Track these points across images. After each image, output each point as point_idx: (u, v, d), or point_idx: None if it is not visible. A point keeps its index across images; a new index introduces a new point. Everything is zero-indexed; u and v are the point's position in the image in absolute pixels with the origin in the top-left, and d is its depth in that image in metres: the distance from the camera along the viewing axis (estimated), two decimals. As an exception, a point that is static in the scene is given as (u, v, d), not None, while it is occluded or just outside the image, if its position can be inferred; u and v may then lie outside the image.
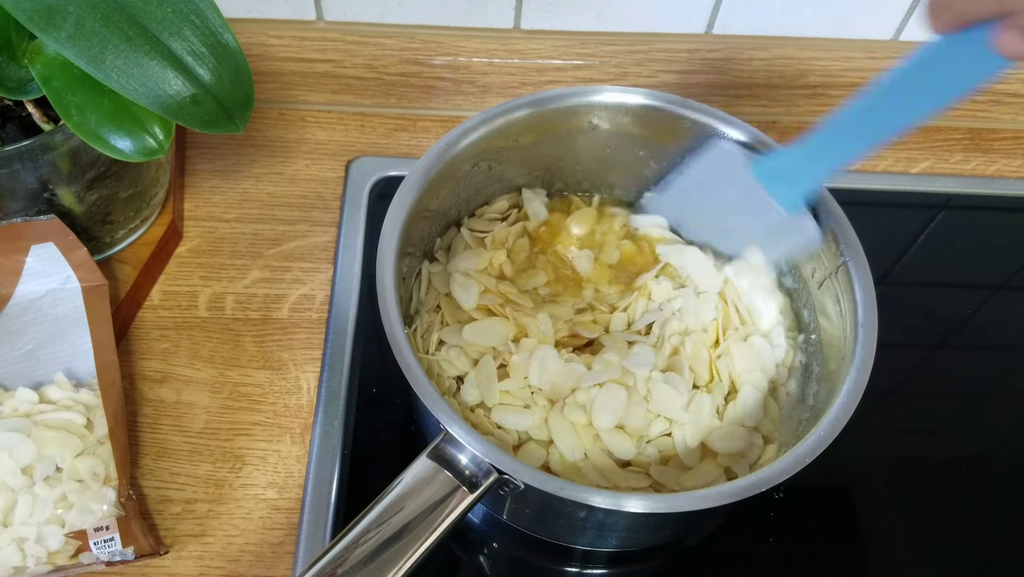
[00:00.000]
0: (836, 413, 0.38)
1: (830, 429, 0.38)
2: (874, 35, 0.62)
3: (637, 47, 0.62)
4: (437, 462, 0.37)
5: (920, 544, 0.48)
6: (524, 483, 0.36)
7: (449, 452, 0.38)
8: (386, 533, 0.36)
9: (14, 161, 0.44)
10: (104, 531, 0.43)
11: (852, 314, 0.42)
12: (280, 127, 0.63)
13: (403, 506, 0.36)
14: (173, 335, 0.53)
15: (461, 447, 0.37)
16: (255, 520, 0.47)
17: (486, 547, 0.48)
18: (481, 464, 0.37)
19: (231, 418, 0.50)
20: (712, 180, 0.47)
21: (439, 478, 0.37)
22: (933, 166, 0.65)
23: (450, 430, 0.37)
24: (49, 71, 0.41)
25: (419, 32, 0.61)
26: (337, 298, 0.54)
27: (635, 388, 0.44)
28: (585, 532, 0.45)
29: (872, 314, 0.41)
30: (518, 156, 0.50)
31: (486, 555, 0.47)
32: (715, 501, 0.36)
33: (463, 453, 0.37)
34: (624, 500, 0.36)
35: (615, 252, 0.51)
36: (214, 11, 0.40)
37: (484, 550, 0.47)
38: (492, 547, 0.48)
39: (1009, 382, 0.55)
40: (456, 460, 0.37)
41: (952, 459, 0.51)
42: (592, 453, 0.43)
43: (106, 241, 0.52)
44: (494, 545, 0.48)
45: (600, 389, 0.44)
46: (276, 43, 0.61)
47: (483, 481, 0.37)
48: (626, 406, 0.43)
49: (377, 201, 0.59)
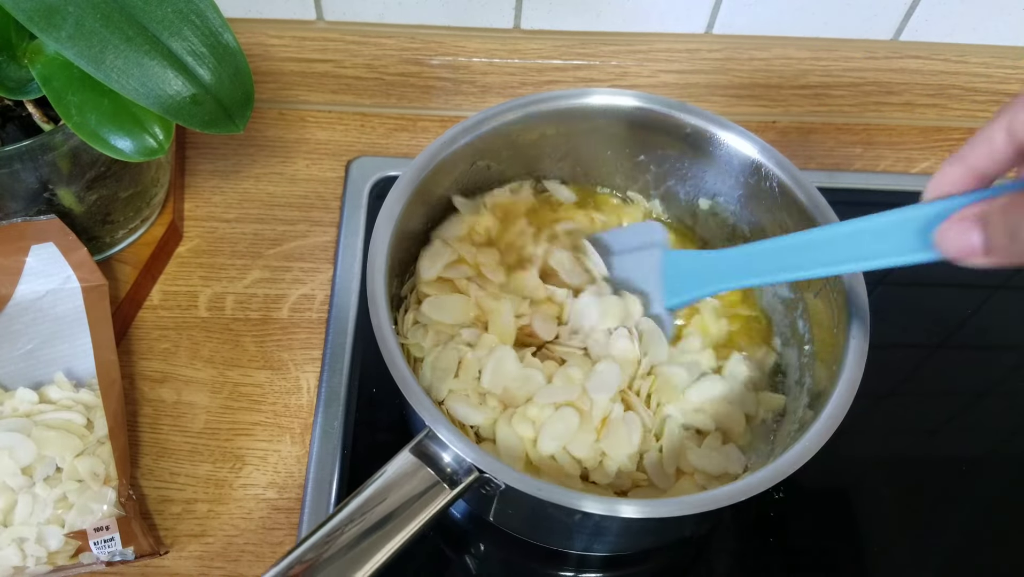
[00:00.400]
0: (821, 425, 0.38)
1: (816, 439, 0.37)
2: (874, 35, 0.62)
3: (637, 47, 0.62)
4: (420, 458, 0.38)
5: (920, 544, 0.48)
6: (505, 483, 0.36)
7: (432, 449, 0.38)
8: (366, 524, 0.36)
9: (14, 161, 0.44)
10: (104, 531, 0.43)
11: (844, 324, 0.41)
12: (280, 127, 0.63)
13: (383, 499, 0.37)
14: (173, 335, 0.53)
15: (444, 445, 0.37)
16: (255, 520, 0.47)
17: (476, 552, 0.48)
18: (462, 462, 0.37)
19: (231, 418, 0.50)
20: (638, 247, 0.49)
21: (420, 474, 0.37)
22: (933, 166, 0.65)
23: (433, 428, 0.37)
24: (49, 71, 0.41)
25: (419, 32, 0.61)
26: (337, 298, 0.54)
27: (589, 415, 0.43)
28: (574, 536, 0.44)
29: (864, 324, 0.41)
30: (517, 155, 0.50)
31: (476, 560, 0.47)
32: (706, 506, 0.36)
33: (445, 451, 0.38)
34: (609, 504, 0.36)
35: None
36: (214, 11, 0.40)
37: (474, 554, 0.47)
38: (482, 552, 0.48)
39: (1009, 382, 0.55)
40: (438, 457, 0.38)
41: (952, 459, 0.51)
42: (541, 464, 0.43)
43: (106, 241, 0.52)
44: (484, 549, 0.48)
45: (554, 412, 0.43)
46: (276, 43, 0.61)
47: (463, 479, 0.37)
48: (575, 433, 0.43)
49: (377, 201, 0.59)
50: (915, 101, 0.65)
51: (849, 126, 0.66)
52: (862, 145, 0.65)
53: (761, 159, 0.46)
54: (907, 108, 0.66)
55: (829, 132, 0.66)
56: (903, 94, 0.65)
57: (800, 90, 0.64)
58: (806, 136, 0.65)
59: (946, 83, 0.64)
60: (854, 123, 0.66)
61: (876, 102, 0.65)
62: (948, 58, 0.63)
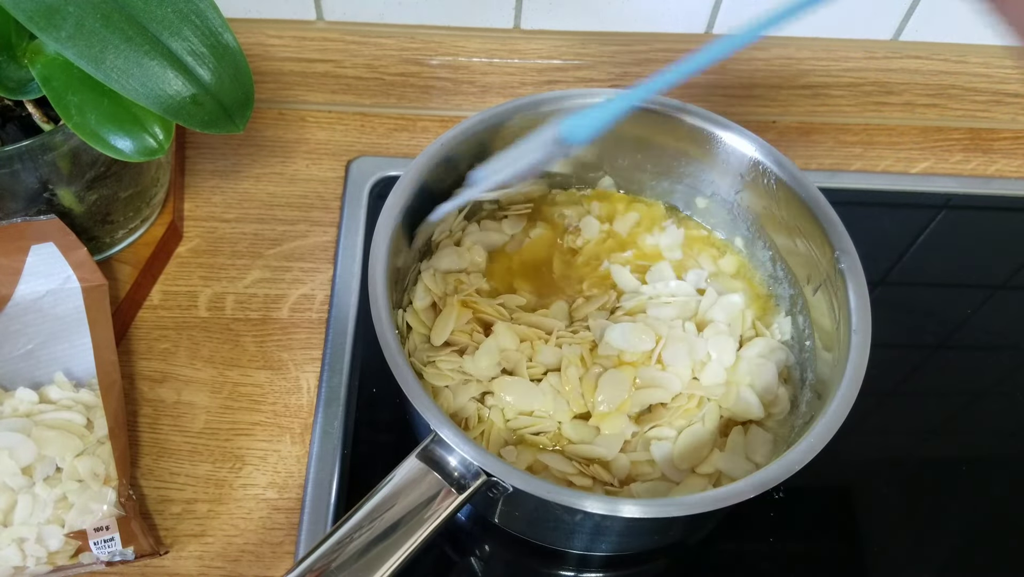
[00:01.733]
0: (827, 421, 0.38)
1: (820, 437, 0.37)
2: (874, 35, 0.62)
3: (637, 47, 0.62)
4: (426, 463, 0.38)
5: (920, 544, 0.48)
6: (513, 486, 0.36)
7: (438, 453, 0.38)
8: (374, 532, 0.36)
9: (14, 161, 0.44)
10: (104, 531, 0.43)
11: (846, 320, 0.41)
12: (280, 127, 0.63)
13: (391, 506, 0.37)
14: (173, 335, 0.53)
15: (450, 449, 0.37)
16: (255, 520, 0.47)
17: (480, 552, 0.48)
18: (470, 466, 0.37)
19: (231, 418, 0.50)
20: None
21: (428, 479, 0.37)
22: (933, 166, 0.65)
23: (440, 433, 0.37)
24: (49, 71, 0.41)
25: (419, 32, 0.61)
26: (337, 298, 0.54)
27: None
28: (577, 536, 0.44)
29: (866, 320, 0.41)
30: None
31: (480, 560, 0.47)
32: (708, 506, 0.36)
33: (452, 455, 0.38)
34: (614, 505, 0.36)
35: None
36: (214, 11, 0.41)
37: (478, 554, 0.47)
38: (486, 552, 0.47)
39: (1009, 382, 0.55)
40: (445, 461, 0.38)
41: (952, 459, 0.51)
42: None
43: (106, 241, 0.52)
44: (488, 550, 0.48)
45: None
46: (276, 43, 0.61)
47: (471, 483, 0.37)
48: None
49: (377, 201, 0.59)
50: (915, 101, 0.65)
51: (849, 126, 0.66)
52: (862, 145, 0.65)
53: (760, 157, 0.47)
54: (907, 108, 0.66)
55: (829, 132, 0.66)
56: (903, 94, 0.65)
57: (800, 90, 0.64)
58: (806, 136, 0.65)
59: (946, 83, 0.64)
60: (854, 123, 0.66)
61: (876, 102, 0.65)
62: (948, 58, 0.63)
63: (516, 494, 0.37)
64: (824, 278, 0.44)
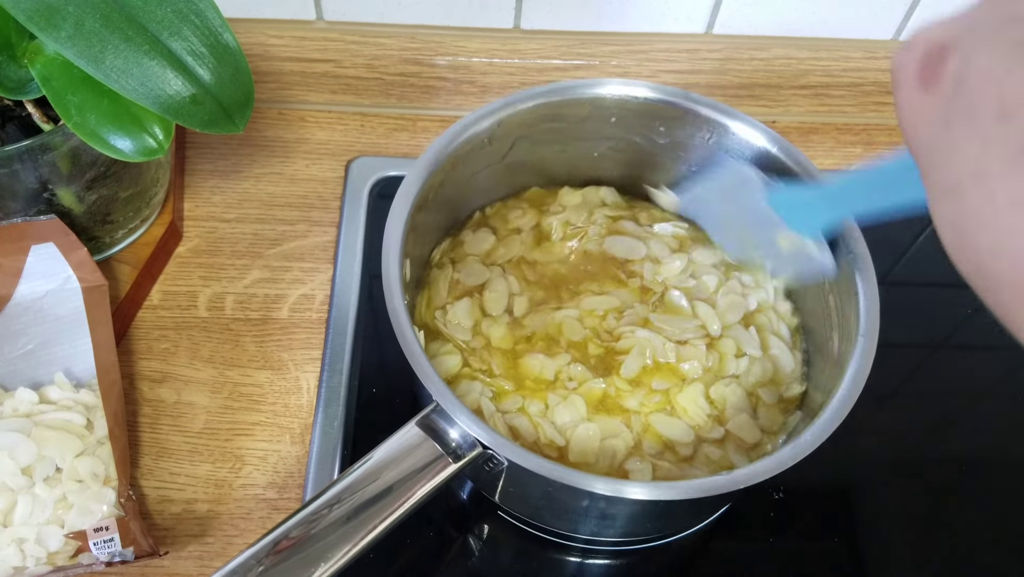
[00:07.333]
0: (827, 418, 0.38)
1: (818, 433, 0.37)
2: (874, 35, 0.62)
3: (637, 47, 0.62)
4: (425, 431, 0.38)
5: (920, 544, 0.48)
6: (508, 460, 0.37)
7: (438, 423, 0.38)
8: (366, 494, 0.37)
9: (14, 161, 0.44)
10: (104, 531, 0.43)
11: (854, 322, 0.41)
12: (280, 127, 0.63)
13: (386, 469, 0.37)
14: (173, 335, 0.53)
15: (450, 420, 0.38)
16: (255, 520, 0.47)
17: (483, 540, 0.48)
18: (467, 437, 0.38)
19: (231, 418, 0.50)
20: (729, 194, 0.47)
21: (425, 446, 0.38)
22: (933, 166, 0.65)
23: (440, 403, 0.38)
24: (49, 71, 0.41)
25: (419, 32, 0.61)
26: (337, 298, 0.54)
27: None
28: (578, 518, 0.44)
29: (874, 325, 0.41)
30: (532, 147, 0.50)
31: (480, 541, 0.47)
32: (704, 492, 0.36)
33: (452, 426, 0.38)
34: (617, 486, 0.36)
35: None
36: (214, 11, 0.41)
37: (478, 535, 0.48)
38: (487, 533, 0.48)
39: (1009, 382, 0.55)
40: (444, 431, 0.38)
41: (952, 459, 0.51)
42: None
43: (106, 241, 0.52)
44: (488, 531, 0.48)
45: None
46: (276, 43, 0.61)
47: (467, 453, 0.38)
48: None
49: (377, 201, 0.59)
50: (915, 101, 0.65)
51: (849, 126, 0.66)
52: (862, 145, 0.65)
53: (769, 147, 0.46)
54: (907, 108, 0.66)
55: (829, 132, 0.66)
56: (903, 94, 0.65)
57: (800, 90, 0.64)
58: (806, 136, 0.65)
59: (946, 83, 0.64)
60: (854, 123, 0.66)
61: (876, 102, 0.65)
62: (948, 58, 0.63)
63: (513, 470, 0.37)
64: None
